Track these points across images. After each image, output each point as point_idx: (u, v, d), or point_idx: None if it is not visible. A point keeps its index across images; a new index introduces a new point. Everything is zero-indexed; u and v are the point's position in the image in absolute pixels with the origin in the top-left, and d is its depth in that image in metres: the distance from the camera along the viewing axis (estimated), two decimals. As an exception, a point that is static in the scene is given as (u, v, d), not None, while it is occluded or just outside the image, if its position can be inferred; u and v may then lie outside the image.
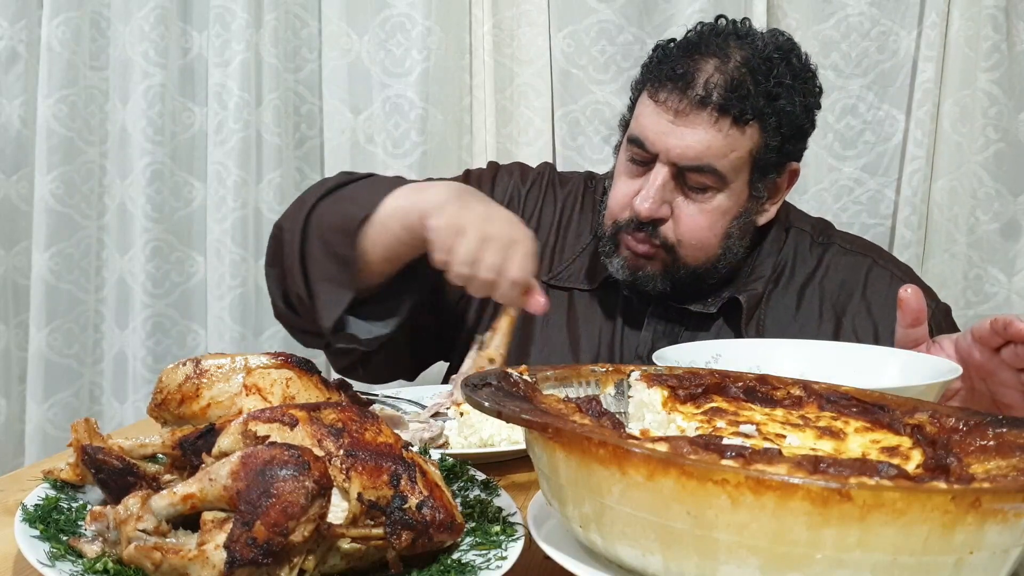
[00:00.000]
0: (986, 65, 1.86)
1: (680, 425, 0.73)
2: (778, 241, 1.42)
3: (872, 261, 1.43)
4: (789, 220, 1.46)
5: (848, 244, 1.46)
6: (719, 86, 1.25)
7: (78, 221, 2.09)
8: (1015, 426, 0.66)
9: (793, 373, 0.83)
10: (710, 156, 1.26)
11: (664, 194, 1.29)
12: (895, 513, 0.50)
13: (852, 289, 1.40)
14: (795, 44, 1.34)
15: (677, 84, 1.27)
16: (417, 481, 0.67)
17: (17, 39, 2.04)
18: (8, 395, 2.11)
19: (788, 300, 1.39)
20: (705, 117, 1.26)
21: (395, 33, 2.00)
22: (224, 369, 0.83)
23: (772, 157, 1.31)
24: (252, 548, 0.59)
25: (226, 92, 2.01)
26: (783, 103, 1.28)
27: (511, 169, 1.55)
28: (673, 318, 1.38)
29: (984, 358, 1.02)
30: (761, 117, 1.27)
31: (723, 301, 1.37)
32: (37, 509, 0.70)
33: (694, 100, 1.26)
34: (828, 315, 1.38)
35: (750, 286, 1.37)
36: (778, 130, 1.29)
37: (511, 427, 0.99)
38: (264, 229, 2.04)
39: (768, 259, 1.40)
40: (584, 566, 0.61)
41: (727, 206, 1.31)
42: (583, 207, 1.50)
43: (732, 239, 1.34)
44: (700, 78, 1.26)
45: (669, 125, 1.27)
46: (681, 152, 1.26)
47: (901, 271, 1.44)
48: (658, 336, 1.37)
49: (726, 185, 1.29)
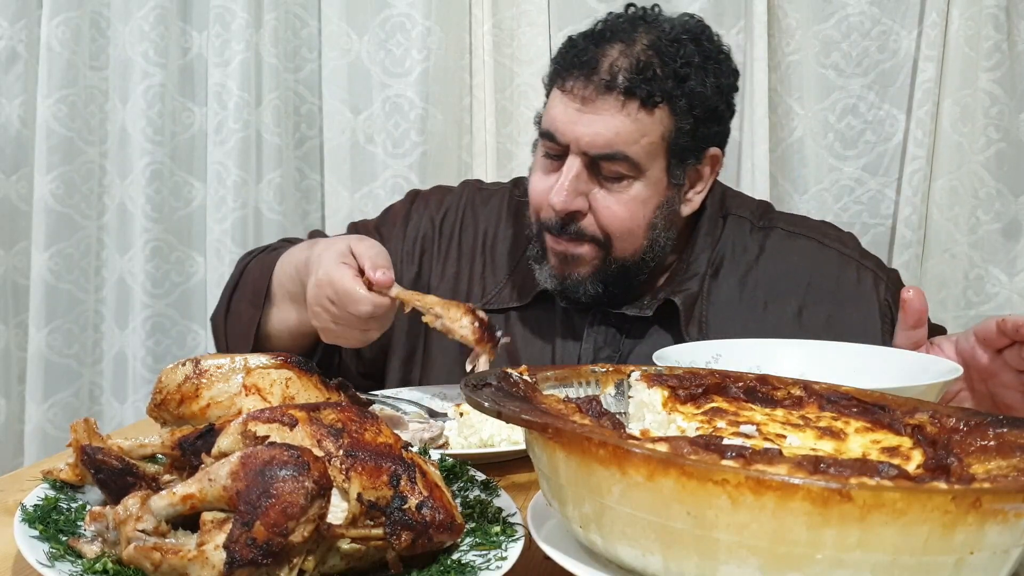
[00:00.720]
0: (987, 64, 1.86)
1: (680, 425, 0.73)
2: (712, 234, 1.37)
3: (818, 243, 1.37)
4: (726, 208, 1.40)
5: (791, 227, 1.40)
6: (624, 69, 1.22)
7: (78, 221, 2.09)
8: (1015, 426, 0.66)
9: (793, 373, 0.83)
10: (620, 143, 1.22)
11: (578, 185, 1.25)
12: (895, 513, 0.49)
13: (799, 275, 1.34)
14: (706, 27, 1.31)
15: (583, 71, 1.24)
16: (417, 481, 0.67)
17: (17, 39, 2.04)
18: (8, 395, 2.11)
19: (730, 291, 1.34)
20: (612, 102, 1.22)
21: (395, 33, 2.00)
22: (224, 369, 0.83)
23: (687, 142, 1.27)
24: (252, 548, 0.59)
25: (226, 92, 2.01)
26: (693, 84, 1.24)
27: (427, 196, 1.51)
28: (612, 324, 1.34)
29: (986, 359, 1.02)
30: (670, 99, 1.23)
31: (659, 303, 1.32)
32: (36, 509, 0.70)
33: (600, 85, 1.22)
34: (773, 305, 1.33)
35: (684, 285, 1.33)
36: (690, 112, 1.25)
37: (511, 427, 0.99)
38: (264, 229, 2.04)
39: (702, 254, 1.35)
40: (584, 566, 0.61)
41: (646, 195, 1.26)
42: (508, 221, 1.46)
43: (657, 230, 1.29)
44: (605, 63, 1.23)
45: (576, 113, 1.24)
46: (590, 140, 1.23)
47: (849, 249, 1.38)
48: (599, 346, 1.34)
49: (641, 173, 1.25)
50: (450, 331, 1.12)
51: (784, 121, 1.94)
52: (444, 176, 1.98)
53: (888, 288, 1.34)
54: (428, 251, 1.45)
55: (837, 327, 1.30)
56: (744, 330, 1.26)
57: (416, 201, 1.50)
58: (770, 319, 1.32)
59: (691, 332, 1.30)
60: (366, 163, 2.03)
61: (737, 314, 1.32)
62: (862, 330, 1.30)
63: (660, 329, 1.33)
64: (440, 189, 1.54)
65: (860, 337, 1.26)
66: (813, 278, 1.34)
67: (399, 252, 1.43)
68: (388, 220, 1.49)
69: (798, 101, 1.93)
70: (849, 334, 1.26)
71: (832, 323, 1.31)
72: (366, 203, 2.03)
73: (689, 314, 1.31)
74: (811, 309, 1.33)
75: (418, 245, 1.45)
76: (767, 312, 1.32)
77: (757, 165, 1.89)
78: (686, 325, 1.30)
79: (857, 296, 1.33)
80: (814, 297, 1.33)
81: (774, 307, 1.33)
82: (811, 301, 1.33)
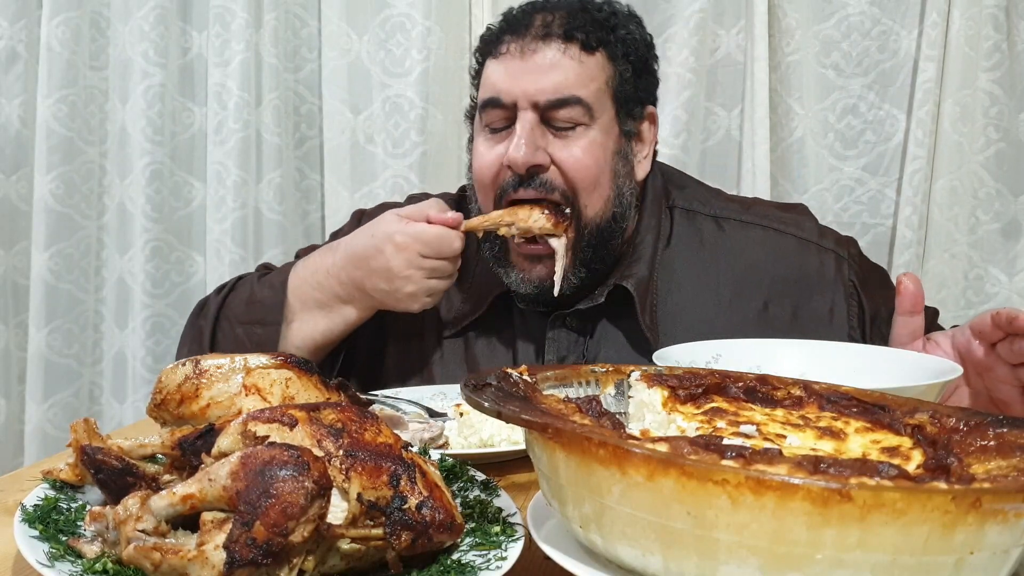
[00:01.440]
0: (987, 65, 1.86)
1: (680, 425, 0.73)
2: (657, 217, 1.36)
3: (775, 231, 1.36)
4: (672, 198, 1.39)
5: (743, 216, 1.38)
6: (557, 18, 1.25)
7: (78, 221, 2.09)
8: (1015, 426, 0.66)
9: (793, 373, 0.83)
10: (571, 85, 1.23)
11: (535, 139, 1.23)
12: (895, 513, 0.49)
13: (760, 268, 1.33)
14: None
15: (515, 32, 1.26)
16: (417, 481, 0.67)
17: (17, 39, 2.04)
18: (8, 395, 2.11)
19: (691, 288, 1.32)
20: (554, 48, 1.23)
21: (395, 33, 2.00)
22: (223, 369, 0.83)
23: (629, 89, 1.28)
24: (252, 548, 0.59)
25: (226, 92, 2.01)
26: (622, 32, 1.28)
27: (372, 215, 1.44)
28: (574, 328, 1.32)
29: (982, 353, 1.02)
30: (606, 45, 1.26)
31: (609, 289, 1.30)
32: (36, 509, 0.70)
33: (538, 36, 1.24)
34: (738, 301, 1.31)
35: (633, 269, 1.31)
36: (626, 59, 1.28)
37: (511, 427, 0.99)
38: (264, 229, 2.04)
39: (648, 235, 1.34)
40: (584, 566, 0.61)
41: (601, 140, 1.26)
42: None
43: (620, 179, 1.28)
44: (537, 19, 1.26)
45: (519, 70, 1.23)
46: (540, 87, 1.22)
47: (805, 232, 1.36)
48: (563, 355, 1.32)
49: (594, 119, 1.25)
50: (529, 230, 1.23)
51: (784, 121, 1.94)
52: (444, 176, 1.98)
53: (851, 267, 1.33)
54: None
55: (804, 318, 1.30)
56: (709, 327, 1.25)
57: (363, 221, 1.42)
58: (736, 315, 1.30)
59: (645, 320, 1.28)
60: (366, 163, 2.03)
61: (701, 311, 1.30)
62: (829, 318, 1.30)
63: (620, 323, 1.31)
64: (384, 207, 1.46)
65: (828, 325, 1.28)
66: (776, 270, 1.33)
67: None
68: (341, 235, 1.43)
69: (798, 101, 1.93)
70: (816, 323, 1.28)
71: (798, 315, 1.31)
72: (366, 203, 2.02)
73: (644, 300, 1.29)
74: (776, 303, 1.32)
75: None
76: (732, 308, 1.31)
77: (757, 165, 1.89)
78: (642, 313, 1.29)
79: (821, 284, 1.32)
80: (778, 290, 1.32)
81: (738, 303, 1.32)
82: (776, 294, 1.32)
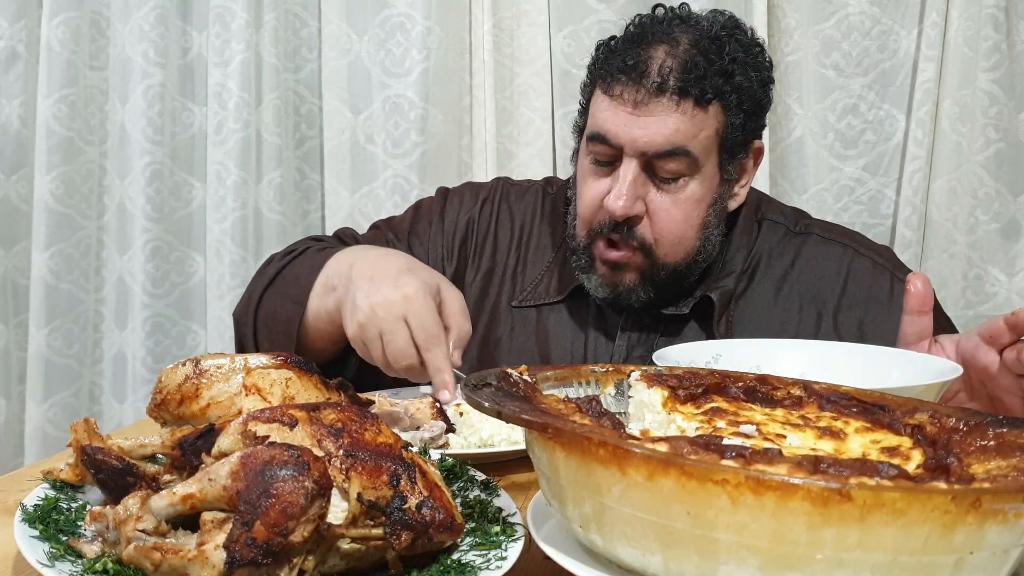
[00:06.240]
0: (986, 65, 1.86)
1: (680, 425, 0.73)
2: (748, 232, 1.38)
3: (854, 251, 1.39)
4: (761, 212, 1.42)
5: (827, 233, 1.41)
6: (674, 70, 1.23)
7: (78, 221, 2.09)
8: (1015, 426, 0.66)
9: (793, 373, 0.83)
10: (680, 138, 1.23)
11: (636, 189, 1.25)
12: (895, 513, 0.49)
13: (833, 281, 1.36)
14: (739, 21, 1.32)
15: (631, 76, 1.24)
16: (417, 481, 0.67)
17: (17, 39, 2.04)
18: (8, 395, 2.11)
19: (765, 295, 1.35)
20: (666, 103, 1.22)
21: (395, 33, 2.00)
22: (224, 369, 0.83)
23: (738, 136, 1.28)
24: (252, 548, 0.59)
25: (226, 92, 2.01)
26: (740, 79, 1.26)
27: (461, 192, 1.51)
28: (647, 325, 1.35)
29: (987, 360, 1.02)
30: (721, 95, 1.25)
31: (695, 300, 1.33)
32: (37, 509, 0.70)
33: (651, 89, 1.23)
34: (808, 309, 1.34)
35: (721, 282, 1.34)
36: (740, 107, 1.27)
37: (511, 427, 0.99)
38: (264, 229, 2.04)
39: (739, 253, 1.37)
40: (584, 566, 0.61)
41: (700, 193, 1.27)
42: (543, 217, 1.46)
43: (709, 228, 1.30)
44: (653, 65, 1.23)
45: (630, 117, 1.23)
46: (648, 140, 1.23)
47: (883, 258, 1.39)
48: (632, 345, 1.34)
49: (698, 169, 1.26)
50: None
51: (784, 121, 1.94)
52: (444, 176, 1.98)
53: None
54: (465, 247, 1.45)
55: (868, 333, 1.32)
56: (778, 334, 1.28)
57: (450, 197, 1.50)
58: (805, 323, 1.33)
59: (719, 329, 1.31)
60: (366, 163, 2.03)
61: (770, 318, 1.33)
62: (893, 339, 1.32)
63: (696, 326, 1.34)
64: (472, 186, 1.54)
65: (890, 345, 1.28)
66: (848, 284, 1.36)
67: (439, 249, 1.44)
68: (422, 218, 1.47)
69: (798, 101, 1.93)
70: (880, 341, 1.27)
71: (864, 328, 1.33)
72: (366, 203, 2.03)
73: (723, 310, 1.32)
74: (845, 313, 1.34)
75: (456, 241, 1.45)
76: (802, 316, 1.34)
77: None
78: (717, 320, 1.31)
79: (889, 305, 1.33)
80: (848, 302, 1.35)
81: (809, 311, 1.34)
82: (845, 305, 1.35)
